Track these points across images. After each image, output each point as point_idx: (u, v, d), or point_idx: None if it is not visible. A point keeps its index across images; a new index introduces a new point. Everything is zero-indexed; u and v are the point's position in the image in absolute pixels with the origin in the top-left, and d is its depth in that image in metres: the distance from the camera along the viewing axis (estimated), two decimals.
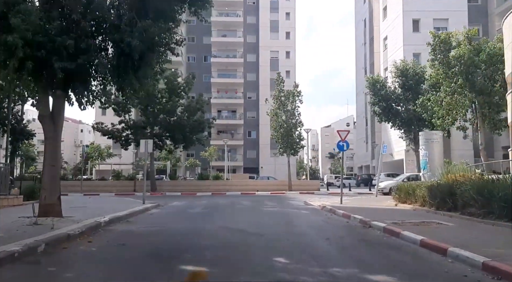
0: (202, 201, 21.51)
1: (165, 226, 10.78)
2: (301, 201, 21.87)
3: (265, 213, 15.05)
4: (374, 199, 22.38)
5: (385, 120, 33.51)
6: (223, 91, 64.70)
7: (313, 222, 12.15)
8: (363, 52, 57.55)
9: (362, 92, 57.42)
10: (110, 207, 15.11)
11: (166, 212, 15.33)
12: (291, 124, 32.88)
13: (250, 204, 19.50)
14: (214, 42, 63.99)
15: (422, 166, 20.54)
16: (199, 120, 32.22)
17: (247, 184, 34.98)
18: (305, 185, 35.03)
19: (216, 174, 36.69)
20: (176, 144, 33.07)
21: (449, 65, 22.90)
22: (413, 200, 15.18)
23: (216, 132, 63.27)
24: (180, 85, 32.50)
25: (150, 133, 32.24)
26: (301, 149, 34.69)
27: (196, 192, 31.48)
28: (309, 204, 19.42)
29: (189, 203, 20.16)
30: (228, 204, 19.92)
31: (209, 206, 18.13)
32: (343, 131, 18.41)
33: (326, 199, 21.99)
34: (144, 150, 18.04)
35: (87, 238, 8.34)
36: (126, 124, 31.98)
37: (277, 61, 63.68)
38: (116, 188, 32.59)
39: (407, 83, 31.40)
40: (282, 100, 32.86)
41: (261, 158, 62.78)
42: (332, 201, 19.91)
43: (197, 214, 14.37)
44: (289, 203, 20.31)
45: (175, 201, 22.15)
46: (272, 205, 19.05)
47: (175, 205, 19.03)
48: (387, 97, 32.45)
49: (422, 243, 7.72)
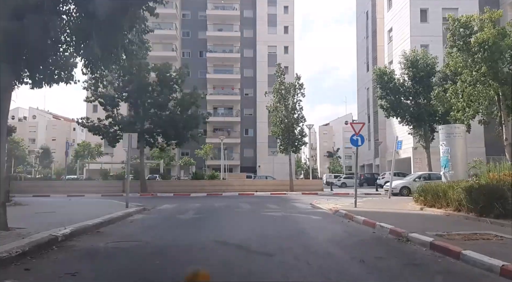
0: (196, 204, 19.11)
1: (144, 240, 8.36)
2: (306, 203, 19.51)
3: (268, 219, 12.65)
4: (388, 201, 20.03)
5: (392, 115, 31.18)
6: (219, 88, 62.29)
7: (331, 232, 9.78)
8: (365, 46, 55.23)
9: (364, 88, 55.17)
10: (85, 212, 12.71)
11: (151, 218, 12.89)
12: (292, 119, 30.48)
13: (249, 207, 17.12)
14: (209, 37, 61.54)
15: (443, 164, 18.18)
16: (193, 115, 29.78)
17: (245, 184, 32.60)
18: (307, 185, 32.64)
19: (212, 173, 34.29)
20: (168, 141, 30.63)
21: (469, 52, 20.59)
22: (443, 204, 12.84)
23: (212, 130, 60.91)
24: (173, 78, 30.06)
25: (140, 129, 29.75)
26: (302, 146, 32.26)
27: (190, 193, 29.08)
28: (317, 207, 17.06)
29: (180, 206, 17.75)
30: (225, 207, 17.53)
31: (202, 210, 15.75)
32: (357, 124, 16.01)
33: (335, 201, 19.64)
34: (128, 145, 15.62)
35: (27, 263, 5.93)
36: (113, 119, 29.50)
37: (275, 57, 61.14)
38: (103, 189, 30.12)
39: (418, 74, 29.05)
40: (282, 94, 30.44)
41: (258, 157, 60.47)
42: (343, 204, 17.56)
43: (188, 222, 11.97)
44: (294, 206, 17.94)
45: (166, 203, 19.74)
46: (274, 208, 16.68)
47: (164, 209, 16.61)
48: (396, 90, 30.10)
49: (505, 271, 5.37)
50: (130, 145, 15.54)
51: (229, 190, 30.97)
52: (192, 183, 32.14)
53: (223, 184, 32.41)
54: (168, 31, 61.49)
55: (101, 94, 29.08)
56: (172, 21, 62.36)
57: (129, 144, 15.47)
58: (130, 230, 9.80)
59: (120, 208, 14.57)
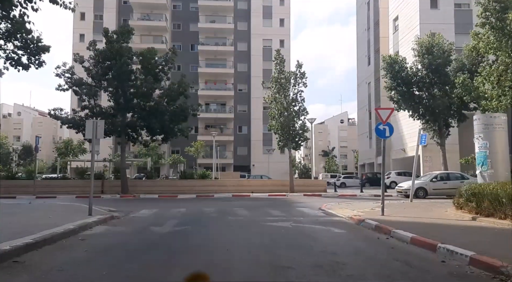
0: (181, 209, 15.72)
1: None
2: (314, 207, 16.24)
3: (276, 234, 9.27)
4: (412, 205, 16.76)
5: (403, 108, 27.94)
6: (212, 82, 58.88)
7: (378, 262, 6.43)
8: (366, 38, 52.03)
9: (364, 83, 52.02)
10: (26, 223, 9.37)
11: (114, 233, 9.46)
12: (293, 111, 27.13)
13: (247, 214, 13.78)
14: (201, 29, 58.10)
15: (479, 162, 14.93)
16: (182, 107, 26.33)
17: (240, 184, 29.23)
18: (309, 186, 29.26)
19: (203, 172, 30.79)
20: (153, 136, 27.15)
21: (504, 31, 17.42)
22: (509, 213, 9.60)
23: (203, 127, 57.58)
24: (158, 64, 26.62)
25: (122, 122, 26.33)
26: (304, 142, 28.83)
27: (177, 194, 25.67)
28: (330, 213, 13.75)
29: (161, 212, 14.37)
30: (216, 213, 14.17)
31: (187, 219, 12.38)
32: (384, 110, 12.62)
33: (347, 205, 16.38)
34: (92, 134, 12.23)
35: None
36: (91, 111, 25.99)
37: (270, 51, 57.71)
38: (80, 189, 26.61)
39: (434, 62, 25.81)
40: (282, 83, 27.08)
41: (252, 155, 57.24)
42: (361, 209, 14.33)
43: (162, 239, 8.59)
44: (301, 212, 14.62)
45: (145, 207, 16.35)
46: (279, 215, 13.36)
47: (139, 217, 13.20)
48: (408, 80, 26.87)
49: None
50: (95, 134, 12.15)
51: (221, 191, 27.64)
52: (180, 183, 28.68)
53: (215, 184, 29.00)
54: (157, 23, 58.06)
55: (77, 81, 25.56)
56: (162, 12, 58.93)
57: (94, 133, 12.08)
58: (64, 259, 6.33)
59: (81, 216, 11.19)
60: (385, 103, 45.07)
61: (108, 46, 25.61)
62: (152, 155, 47.78)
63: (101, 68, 25.90)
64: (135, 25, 56.98)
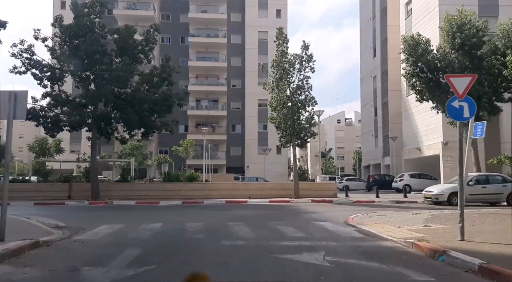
0: (155, 224, 11.28)
1: None
2: (337, 221, 11.95)
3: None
4: (477, 218, 12.31)
5: (427, 99, 23.74)
6: (203, 77, 54.39)
7: None
8: (371, 28, 47.90)
9: (369, 77, 47.90)
10: None
11: None
12: (298, 101, 22.79)
13: (249, 235, 9.39)
14: (192, 19, 53.72)
15: None
16: (165, 95, 21.87)
17: (234, 188, 24.76)
18: (316, 190, 24.79)
19: (190, 173, 26.29)
20: (131, 130, 22.64)
21: None
22: None
23: (194, 125, 53.09)
24: (138, 44, 22.17)
25: (92, 113, 21.84)
26: (311, 138, 24.38)
27: (159, 201, 21.18)
28: (367, 232, 9.42)
29: (123, 232, 9.94)
30: (204, 233, 9.74)
31: (157, 246, 7.98)
32: (461, 78, 8.22)
33: (382, 218, 12.05)
34: (7, 113, 7.75)
35: None
36: (54, 99, 21.46)
37: (266, 43, 53.53)
38: (42, 194, 22.12)
39: (467, 42, 21.64)
40: (285, 68, 22.74)
41: (247, 156, 52.92)
42: (410, 225, 10.02)
43: None
44: (325, 230, 10.23)
45: (108, 221, 11.89)
46: (296, 236, 8.98)
47: (87, 240, 8.73)
48: (434, 65, 22.67)
49: None
50: (12, 115, 7.68)
51: (212, 196, 23.22)
52: (164, 186, 24.17)
53: (205, 188, 24.50)
54: (145, 12, 53.70)
55: (36, 63, 20.99)
56: (150, 1, 54.53)
57: (9, 112, 7.61)
58: None
59: None
60: (393, 97, 41.01)
61: (76, 21, 21.17)
62: (136, 155, 43.08)
63: (68, 48, 21.42)
64: (120, 14, 52.57)
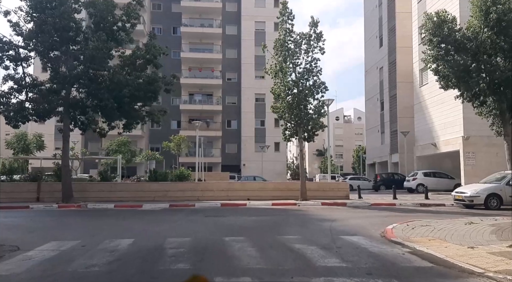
0: (124, 240, 7.99)
1: None
2: (368, 233, 8.77)
3: None
4: None
5: (453, 86, 20.56)
6: (196, 69, 50.95)
7: None
8: (377, 16, 44.70)
9: (375, 68, 44.71)
10: None
11: None
12: (305, 88, 19.51)
13: (258, 263, 6.12)
14: (185, 8, 50.35)
15: None
16: (149, 77, 18.50)
17: (231, 189, 21.42)
18: (325, 190, 21.41)
19: (181, 170, 22.89)
20: (109, 120, 19.23)
21: None
22: None
23: (187, 120, 49.67)
24: (117, 19, 18.80)
25: (64, 99, 18.45)
26: (320, 130, 20.96)
27: (142, 203, 17.82)
28: (430, 256, 6.19)
29: (70, 255, 6.63)
30: (188, 258, 6.43)
31: None
32: None
33: (427, 228, 8.83)
34: None
35: None
36: (17, 84, 18.04)
37: (263, 35, 50.25)
38: (6, 196, 18.68)
39: (504, 17, 18.52)
40: (291, 49, 19.45)
41: (243, 153, 49.62)
42: (473, 243, 6.79)
43: None
44: (362, 250, 6.98)
45: (61, 236, 8.60)
46: (335, 268, 5.75)
47: (4, 275, 5.43)
48: (463, 46, 19.50)
49: None
50: None
51: (206, 198, 19.92)
52: (149, 186, 20.82)
53: (197, 189, 21.14)
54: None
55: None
56: None
57: None
58: None
59: None
60: (403, 89, 37.88)
61: None
62: (124, 151, 39.68)
63: (35, 23, 18.01)
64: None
